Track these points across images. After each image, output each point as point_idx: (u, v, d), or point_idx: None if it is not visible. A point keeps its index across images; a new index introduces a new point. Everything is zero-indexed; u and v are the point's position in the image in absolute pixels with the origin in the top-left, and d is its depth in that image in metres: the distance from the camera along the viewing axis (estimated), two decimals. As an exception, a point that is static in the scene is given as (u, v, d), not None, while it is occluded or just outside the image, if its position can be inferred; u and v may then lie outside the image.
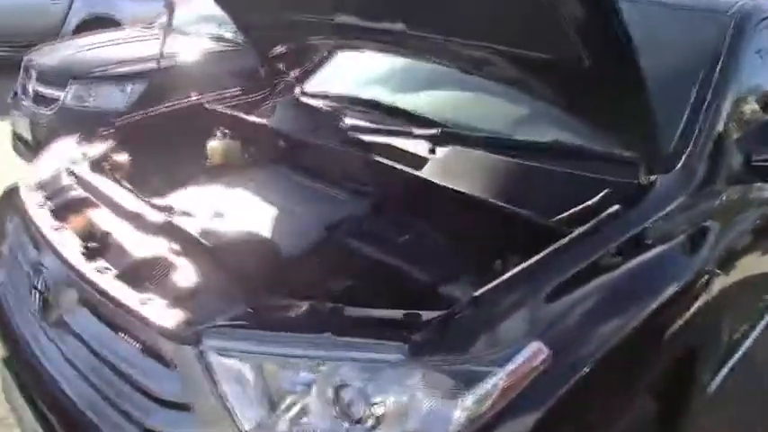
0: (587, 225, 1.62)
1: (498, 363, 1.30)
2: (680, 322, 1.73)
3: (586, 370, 1.42)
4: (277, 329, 1.38)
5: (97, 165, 2.25)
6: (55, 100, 4.68)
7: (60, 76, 4.70)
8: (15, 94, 5.05)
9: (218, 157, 2.47)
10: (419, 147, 2.13)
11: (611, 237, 1.64)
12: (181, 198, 2.18)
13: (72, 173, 2.15)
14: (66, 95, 4.63)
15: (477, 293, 1.36)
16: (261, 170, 2.35)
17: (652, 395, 1.70)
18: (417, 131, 2.19)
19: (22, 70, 5.05)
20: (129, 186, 2.14)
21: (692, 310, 1.77)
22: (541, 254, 1.51)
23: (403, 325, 1.34)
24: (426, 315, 1.35)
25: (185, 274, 1.57)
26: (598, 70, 1.65)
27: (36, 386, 1.73)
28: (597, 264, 1.57)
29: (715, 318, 1.95)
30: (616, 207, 1.69)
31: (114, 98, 4.58)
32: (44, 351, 1.72)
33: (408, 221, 1.87)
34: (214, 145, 2.48)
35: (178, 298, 1.49)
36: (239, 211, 2.03)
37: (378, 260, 1.76)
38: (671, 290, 1.69)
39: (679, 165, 1.87)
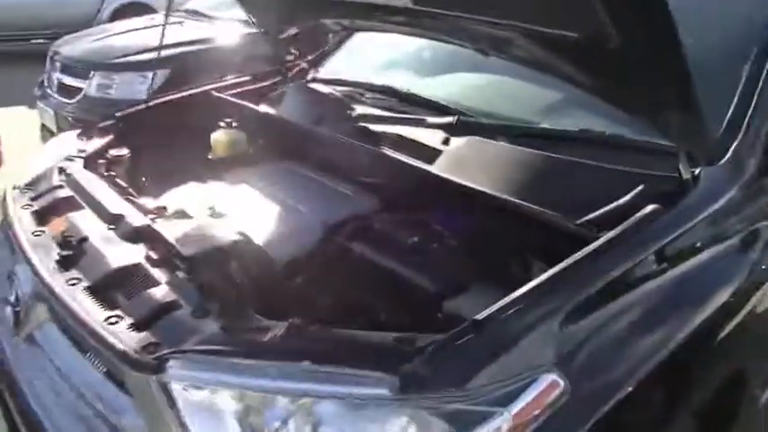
0: (619, 228, 1.39)
1: (504, 401, 1.10)
2: (731, 337, 1.49)
3: (614, 403, 1.21)
4: (250, 355, 1.20)
5: (92, 161, 2.11)
6: (79, 90, 4.61)
7: (83, 66, 4.62)
8: (42, 84, 4.99)
9: (222, 150, 2.31)
10: (433, 137, 1.93)
11: (648, 242, 1.40)
12: (177, 196, 2.03)
13: (62, 171, 2.01)
14: (90, 85, 4.55)
15: (480, 316, 1.16)
16: (265, 164, 2.18)
17: (696, 420, 1.48)
18: (431, 120, 1.99)
19: (48, 61, 4.99)
20: (122, 184, 2.00)
21: (744, 322, 1.53)
22: (562, 264, 1.29)
23: (393, 352, 1.15)
24: (422, 339, 1.15)
25: (159, 288, 1.41)
26: (632, 48, 1.42)
27: (10, 403, 1.59)
28: (630, 275, 1.34)
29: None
30: (653, 206, 1.46)
31: (138, 87, 4.46)
32: (17, 367, 1.58)
33: (415, 223, 1.68)
34: (218, 136, 2.32)
35: (146, 316, 1.32)
36: (236, 210, 1.86)
37: (379, 268, 1.57)
38: (719, 302, 1.45)
39: (727, 156, 1.61)
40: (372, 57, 2.63)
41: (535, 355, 1.16)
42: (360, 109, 2.19)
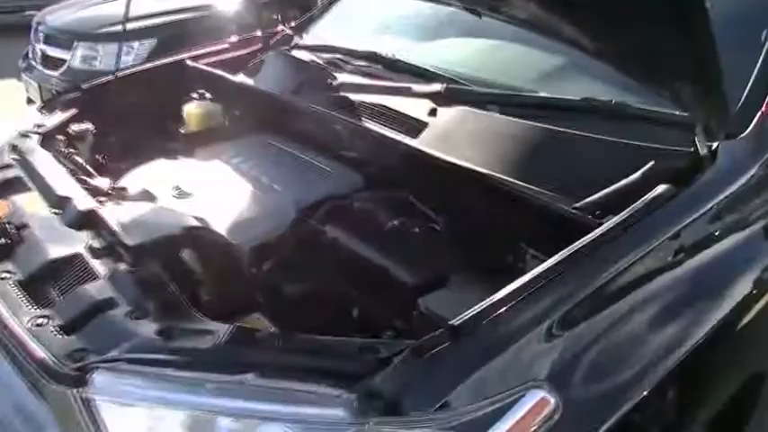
0: (624, 213, 1.21)
1: (484, 425, 0.92)
2: (751, 335, 1.31)
3: (618, 418, 1.03)
4: (187, 366, 1.02)
5: (51, 137, 1.93)
6: (63, 62, 4.42)
7: (67, 37, 4.43)
8: (26, 56, 4.80)
9: (195, 123, 2.15)
10: (419, 108, 1.73)
11: (659, 228, 1.21)
12: (142, 174, 1.85)
13: (15, 148, 1.83)
14: (73, 56, 4.35)
15: (457, 320, 0.97)
16: (240, 138, 2.00)
17: (708, 429, 1.31)
18: (417, 89, 1.79)
19: (32, 32, 4.78)
20: (80, 163, 1.82)
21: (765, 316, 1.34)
22: (557, 256, 1.11)
23: (353, 365, 0.97)
24: (388, 348, 0.98)
25: (95, 284, 1.23)
26: (647, 7, 1.22)
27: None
28: (638, 268, 1.15)
29: None
30: (665, 186, 1.27)
31: (124, 58, 4.23)
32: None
33: (396, 204, 1.51)
34: (190, 109, 2.15)
35: (76, 317, 1.15)
36: (204, 190, 1.68)
37: (354, 255, 1.40)
38: (740, 296, 1.27)
39: (749, 129, 1.41)
40: (360, 21, 2.43)
41: (523, 367, 0.98)
42: (342, 77, 1.99)
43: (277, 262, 1.42)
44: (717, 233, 1.28)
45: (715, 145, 1.37)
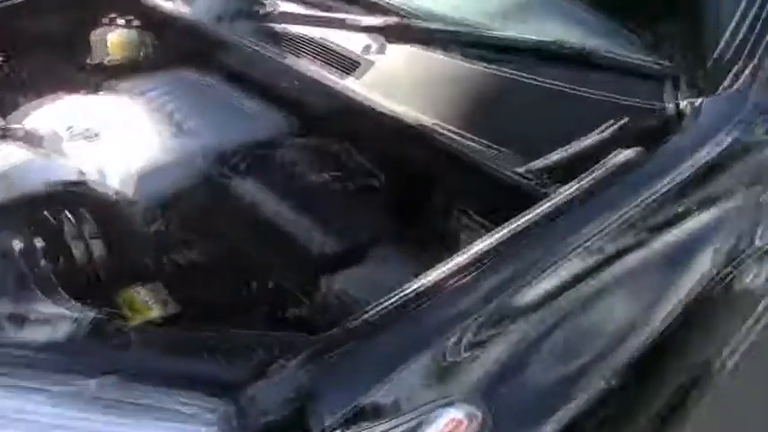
0: (584, 179, 1.01)
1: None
2: (705, 322, 1.13)
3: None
4: (27, 365, 0.81)
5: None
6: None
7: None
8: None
9: (116, 53, 1.88)
10: (359, 45, 1.50)
11: (626, 200, 1.01)
12: (46, 110, 1.60)
13: None
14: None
15: (353, 320, 0.77)
16: (162, 72, 1.75)
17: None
18: (363, 21, 1.55)
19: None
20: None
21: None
22: (494, 234, 0.91)
23: (230, 369, 0.77)
24: (263, 350, 0.78)
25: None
26: None
27: None
28: (595, 250, 0.95)
29: None
30: (634, 149, 1.06)
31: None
32: None
33: (320, 158, 1.29)
34: (112, 36, 1.88)
35: None
36: (111, 130, 1.45)
37: (262, 217, 1.19)
38: (705, 280, 1.08)
39: (737, 83, 1.20)
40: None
41: (437, 380, 0.78)
42: (278, 5, 1.74)
43: (176, 223, 1.21)
44: (693, 207, 1.07)
45: (697, 101, 1.16)
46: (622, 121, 1.12)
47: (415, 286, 0.83)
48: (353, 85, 1.39)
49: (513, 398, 0.83)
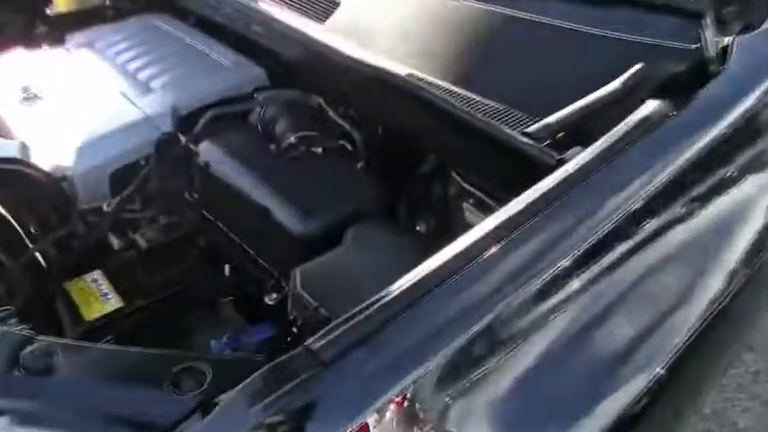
0: (597, 145, 0.82)
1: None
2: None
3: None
4: None
5: None
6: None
7: None
8: None
9: (67, 2, 1.71)
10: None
11: (648, 164, 0.82)
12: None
13: None
14: None
15: (318, 341, 0.61)
16: (120, 22, 1.60)
17: None
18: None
19: None
20: None
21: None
22: (499, 214, 0.73)
23: (155, 407, 0.62)
24: (222, 372, 0.63)
25: None
26: None
27: None
28: (616, 231, 0.76)
29: None
30: (656, 102, 0.88)
31: None
32: None
33: (296, 114, 1.13)
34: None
35: None
36: (58, 90, 1.32)
37: (227, 186, 1.03)
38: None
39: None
40: None
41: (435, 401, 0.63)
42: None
43: (130, 200, 1.05)
44: (734, 173, 0.90)
45: (728, 40, 0.98)
46: (642, 67, 0.94)
47: (397, 290, 0.67)
48: (324, 30, 1.21)
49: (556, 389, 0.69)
